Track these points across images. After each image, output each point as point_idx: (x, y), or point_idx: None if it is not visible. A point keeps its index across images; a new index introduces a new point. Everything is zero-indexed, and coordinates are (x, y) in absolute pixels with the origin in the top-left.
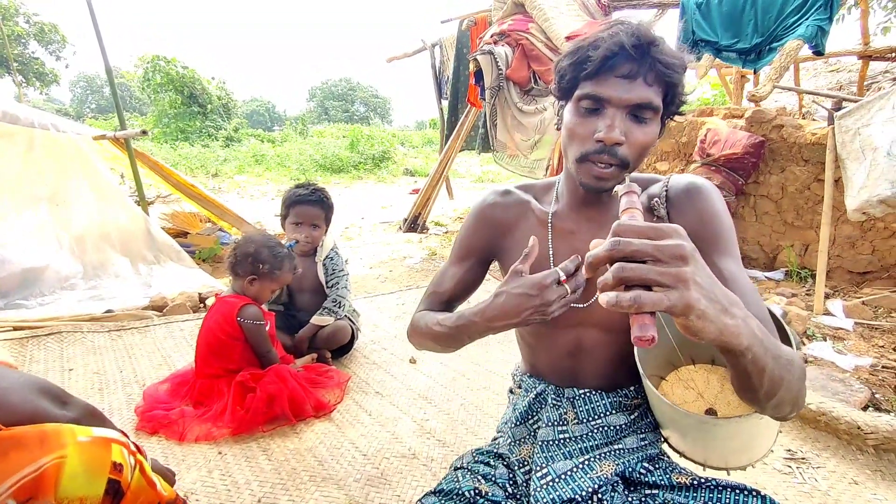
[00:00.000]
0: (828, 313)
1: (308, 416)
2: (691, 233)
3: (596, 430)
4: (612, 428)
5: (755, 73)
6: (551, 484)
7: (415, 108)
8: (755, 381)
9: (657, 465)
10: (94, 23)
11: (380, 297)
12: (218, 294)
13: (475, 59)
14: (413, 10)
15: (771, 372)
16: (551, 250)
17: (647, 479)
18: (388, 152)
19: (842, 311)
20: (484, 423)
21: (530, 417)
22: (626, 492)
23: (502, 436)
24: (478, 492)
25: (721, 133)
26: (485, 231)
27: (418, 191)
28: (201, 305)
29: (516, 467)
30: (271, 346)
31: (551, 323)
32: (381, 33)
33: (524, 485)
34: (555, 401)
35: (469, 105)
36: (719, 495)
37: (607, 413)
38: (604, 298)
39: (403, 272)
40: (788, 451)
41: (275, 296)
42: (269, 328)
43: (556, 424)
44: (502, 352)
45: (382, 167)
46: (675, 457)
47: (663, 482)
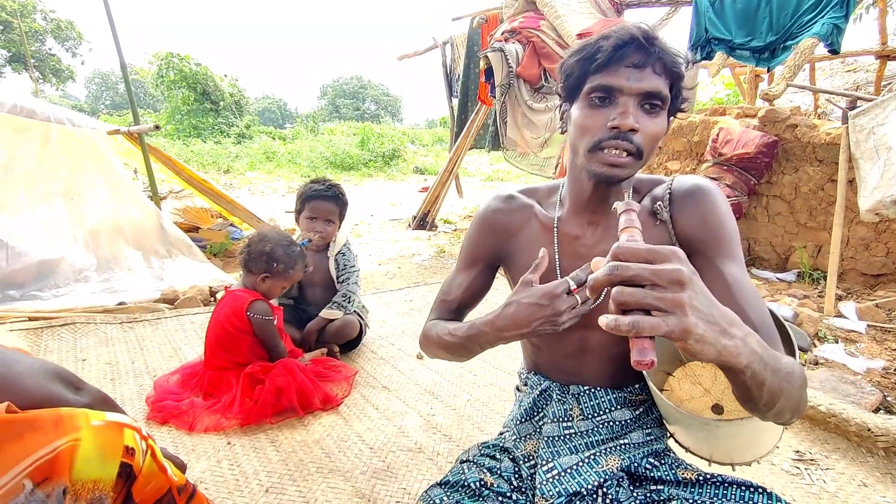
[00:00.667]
0: (840, 315)
1: (316, 409)
2: (694, 235)
3: (601, 426)
4: (617, 423)
5: (769, 71)
6: (557, 477)
7: (425, 107)
8: (754, 393)
9: (663, 461)
10: (109, 19)
11: (388, 293)
12: (228, 287)
13: (486, 57)
14: (424, 9)
15: (770, 385)
16: (556, 255)
17: (652, 475)
18: (398, 150)
19: (854, 313)
20: (490, 418)
21: (535, 414)
22: (631, 487)
23: (508, 431)
24: (483, 483)
25: (734, 132)
26: (489, 237)
27: (427, 189)
28: (212, 299)
29: (522, 462)
30: (279, 341)
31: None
32: (393, 32)
33: (529, 478)
34: (560, 397)
35: (479, 103)
36: (725, 491)
37: (612, 409)
38: (603, 321)
39: (412, 269)
40: (797, 452)
41: (284, 291)
42: (277, 322)
43: (562, 420)
44: (509, 349)
45: (392, 165)
46: (681, 452)
47: (669, 477)
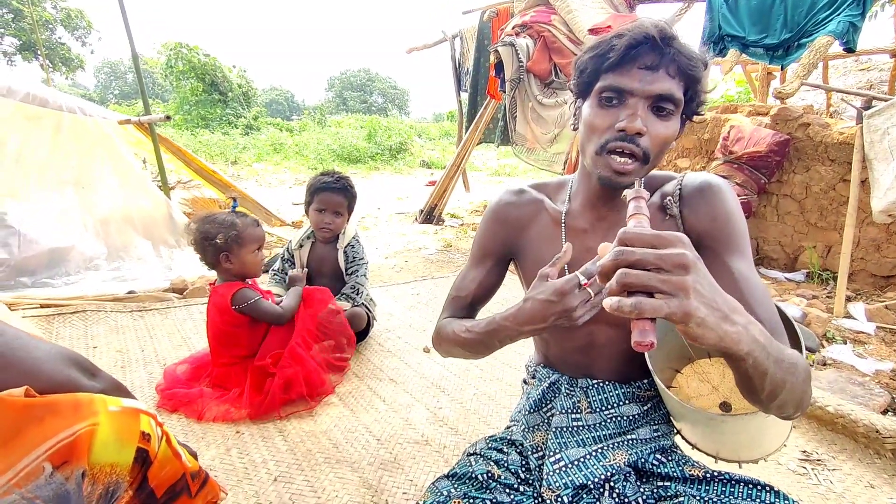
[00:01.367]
0: (849, 316)
1: (323, 395)
2: (703, 231)
3: (609, 420)
4: (625, 418)
5: (782, 69)
6: (564, 469)
7: (432, 100)
8: (756, 383)
9: (670, 457)
10: (121, 8)
11: (395, 286)
12: (212, 283)
13: (496, 51)
14: (433, 1)
15: (772, 376)
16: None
17: (659, 471)
18: (405, 144)
19: (864, 314)
20: (496, 413)
21: (544, 405)
22: (638, 482)
23: (516, 423)
24: (491, 475)
25: (745, 130)
26: (500, 231)
27: (435, 183)
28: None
29: (530, 453)
30: (276, 309)
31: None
32: (401, 25)
33: (537, 470)
34: (568, 390)
35: (488, 97)
36: (732, 489)
37: (620, 403)
38: (608, 302)
39: (419, 263)
40: (804, 452)
41: (262, 259)
42: (265, 300)
43: (570, 412)
44: (516, 344)
45: (399, 158)
46: (688, 449)
47: (676, 474)
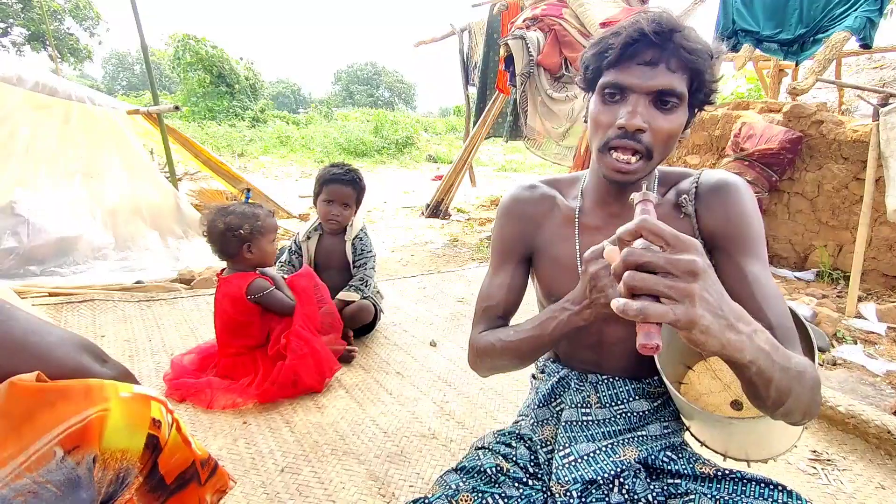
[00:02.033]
0: (860, 316)
1: (334, 370)
2: (718, 231)
3: (619, 416)
4: (634, 414)
5: (796, 66)
6: (574, 463)
7: (439, 95)
8: (761, 390)
9: (680, 455)
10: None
11: (401, 280)
12: (219, 274)
13: (506, 44)
14: None
15: (778, 383)
16: (578, 246)
17: (669, 468)
18: (411, 138)
19: (875, 314)
20: (503, 407)
21: (553, 400)
22: (648, 479)
23: (524, 418)
24: (499, 469)
25: (756, 127)
26: (517, 226)
27: (441, 177)
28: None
29: (539, 447)
30: (287, 302)
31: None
32: (409, 18)
33: (546, 464)
34: (578, 385)
35: (497, 91)
36: (744, 488)
37: (630, 399)
38: (615, 304)
39: (425, 257)
40: (814, 452)
41: (277, 248)
42: (277, 290)
43: (580, 406)
44: None
45: (406, 152)
46: (697, 446)
47: (686, 472)
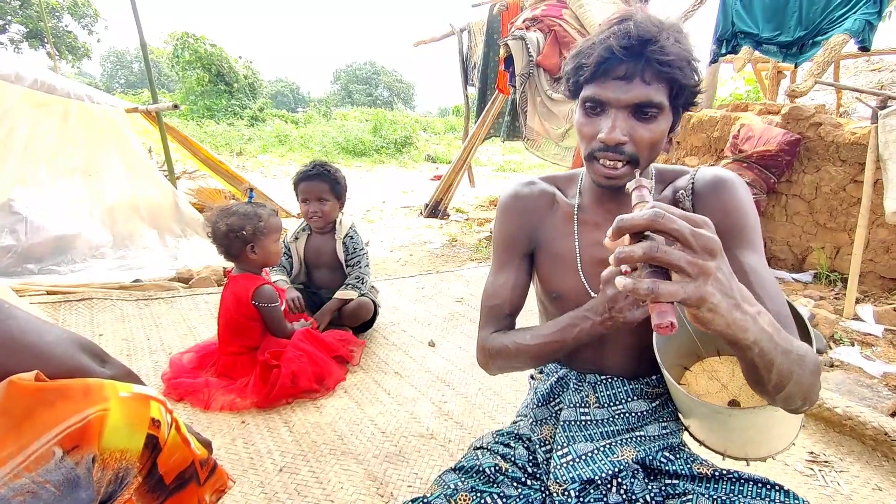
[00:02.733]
0: (857, 318)
1: (337, 381)
2: (716, 225)
3: (617, 416)
4: (633, 414)
5: (795, 68)
6: (572, 463)
7: (438, 95)
8: (763, 373)
9: (678, 455)
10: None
11: (400, 279)
12: (228, 271)
13: (506, 45)
14: None
15: (779, 366)
16: (577, 243)
17: (667, 468)
18: (410, 138)
19: (872, 316)
20: (502, 408)
21: (552, 400)
22: (646, 480)
23: (523, 418)
24: (498, 469)
25: (755, 129)
26: (518, 222)
27: (440, 177)
28: (226, 279)
29: (537, 447)
30: (286, 325)
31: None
32: (408, 18)
33: (545, 463)
34: (576, 385)
35: (497, 91)
36: (741, 488)
37: (629, 399)
38: (621, 282)
39: (423, 256)
40: (811, 453)
41: (281, 248)
42: (283, 308)
43: (578, 406)
44: None
45: (404, 152)
46: (696, 446)
47: (684, 472)
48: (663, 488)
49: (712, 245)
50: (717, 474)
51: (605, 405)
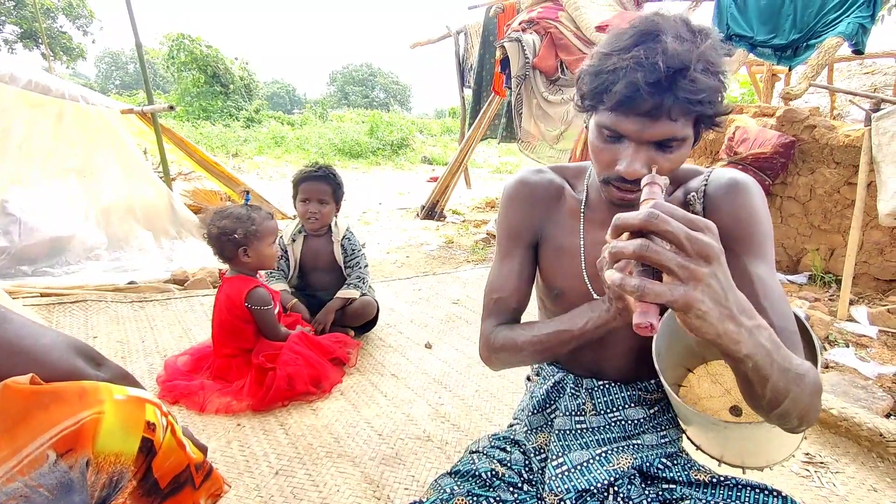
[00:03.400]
0: (851, 319)
1: (333, 384)
2: (725, 230)
3: (614, 423)
4: (630, 422)
5: (790, 70)
6: (567, 473)
7: (434, 96)
8: (757, 388)
9: (675, 461)
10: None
11: (396, 281)
12: (223, 273)
13: (502, 47)
14: None
15: (775, 383)
16: (582, 241)
17: (664, 475)
18: (406, 139)
19: (866, 317)
20: (499, 410)
21: (548, 406)
22: (642, 485)
23: (519, 423)
24: (494, 473)
25: (750, 131)
26: (525, 210)
27: (436, 179)
28: (220, 281)
29: (532, 454)
30: (279, 329)
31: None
32: (404, 20)
33: (539, 472)
34: (573, 390)
35: (493, 93)
36: (738, 494)
37: (626, 406)
38: (609, 275)
39: (420, 258)
40: (807, 454)
41: (277, 251)
42: (277, 310)
43: (574, 414)
44: None
45: (401, 154)
46: (692, 450)
47: (681, 478)
48: (660, 493)
49: (708, 251)
50: (714, 480)
51: (602, 412)
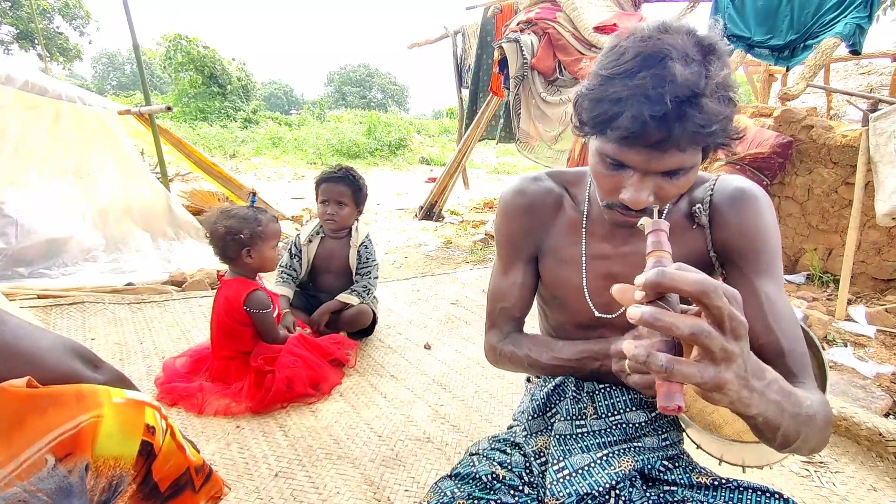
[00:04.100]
0: (849, 319)
1: (333, 385)
2: (732, 245)
3: (615, 427)
4: (631, 425)
5: (787, 71)
6: (568, 478)
7: (432, 97)
8: (767, 435)
9: (677, 464)
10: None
11: (395, 282)
12: (221, 275)
13: (500, 47)
14: None
15: (786, 429)
16: (584, 255)
17: (665, 477)
18: (404, 140)
19: (864, 317)
20: (498, 411)
21: (548, 409)
22: (644, 487)
23: (518, 425)
24: (495, 476)
25: (748, 131)
26: (524, 222)
27: (434, 179)
28: (218, 283)
29: (533, 458)
30: (278, 333)
31: (576, 321)
32: (402, 20)
33: (540, 475)
34: (575, 394)
35: (490, 94)
36: (741, 496)
37: (627, 409)
38: (633, 350)
39: (419, 259)
40: None
41: (279, 253)
42: (275, 314)
43: (575, 418)
44: None
45: (398, 154)
46: (693, 449)
47: (683, 481)
48: (662, 495)
49: (741, 330)
50: (716, 482)
51: (603, 416)
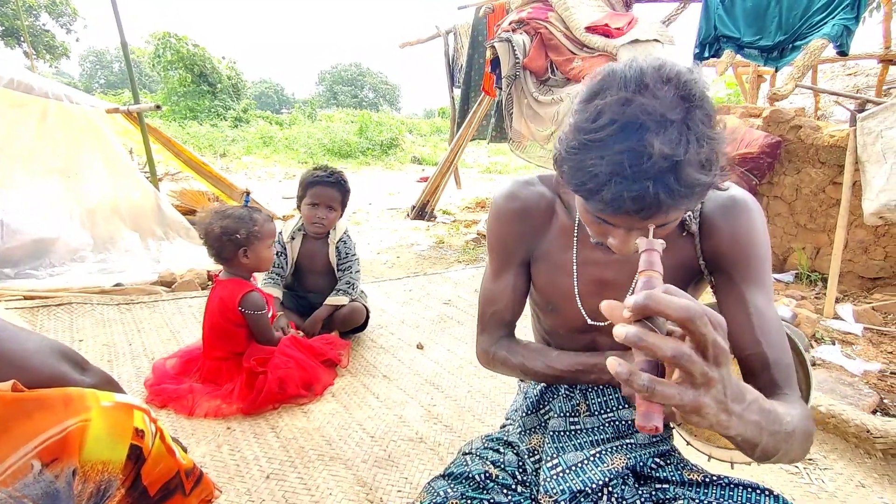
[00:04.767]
0: (837, 317)
1: (325, 386)
2: (722, 254)
3: (607, 424)
4: (623, 422)
5: (776, 71)
6: (561, 475)
7: (423, 96)
8: (746, 450)
9: (668, 461)
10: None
11: (387, 282)
12: (215, 275)
13: (492, 47)
14: None
15: (764, 446)
16: (575, 263)
17: (657, 474)
18: (396, 139)
19: (851, 315)
20: (491, 410)
21: (541, 407)
22: (636, 485)
23: (512, 424)
24: (488, 475)
25: (737, 131)
26: (516, 226)
27: (426, 179)
28: (209, 283)
29: (526, 456)
30: (272, 333)
31: (569, 326)
32: (393, 19)
33: (534, 473)
34: (567, 391)
35: (483, 93)
36: (731, 493)
37: (620, 407)
38: (616, 367)
39: (411, 259)
40: None
41: (273, 252)
42: (270, 314)
43: (568, 415)
44: None
45: (390, 154)
46: (682, 444)
47: (674, 478)
48: (653, 493)
49: (723, 357)
50: (707, 480)
51: (596, 413)
